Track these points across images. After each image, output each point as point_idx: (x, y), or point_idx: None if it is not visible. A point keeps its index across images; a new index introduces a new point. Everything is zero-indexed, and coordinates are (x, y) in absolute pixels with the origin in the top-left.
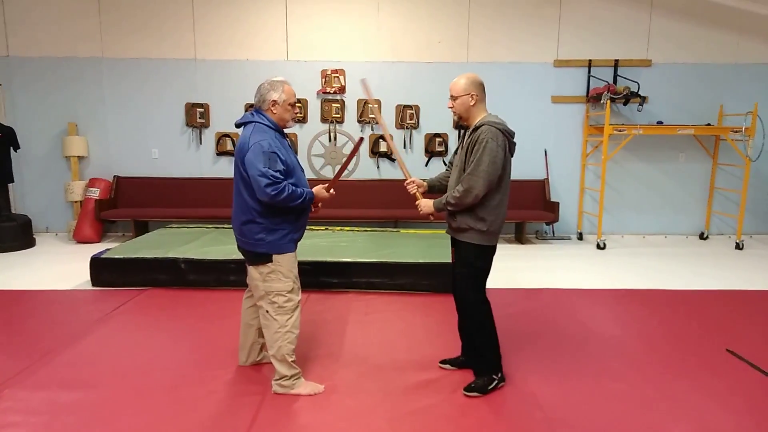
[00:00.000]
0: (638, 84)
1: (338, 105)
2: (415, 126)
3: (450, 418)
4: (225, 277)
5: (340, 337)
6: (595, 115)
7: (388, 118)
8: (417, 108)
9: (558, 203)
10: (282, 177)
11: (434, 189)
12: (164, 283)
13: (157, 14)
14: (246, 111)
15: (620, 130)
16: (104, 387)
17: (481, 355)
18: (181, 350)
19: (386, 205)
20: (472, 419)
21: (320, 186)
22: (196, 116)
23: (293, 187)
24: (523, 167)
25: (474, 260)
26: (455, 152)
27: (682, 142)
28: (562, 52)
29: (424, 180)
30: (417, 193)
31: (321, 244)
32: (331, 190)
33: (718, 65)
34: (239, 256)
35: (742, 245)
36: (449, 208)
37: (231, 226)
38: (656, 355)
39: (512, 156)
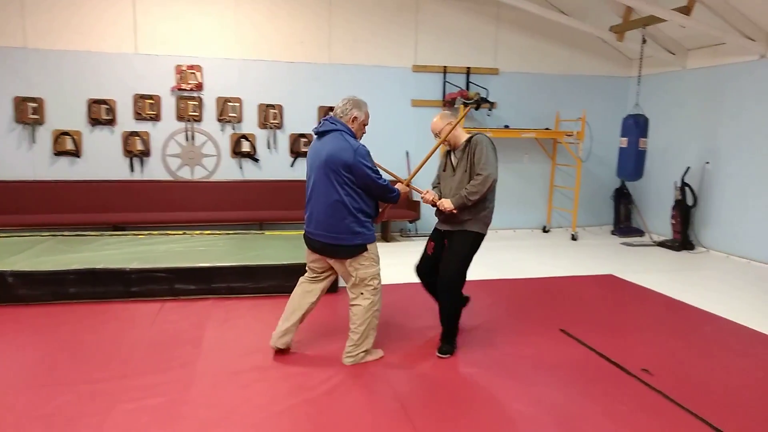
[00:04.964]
0: (488, 90)
1: (196, 102)
2: (279, 126)
3: (309, 416)
4: (63, 289)
5: (197, 347)
6: None
7: (250, 118)
8: (280, 108)
9: (419, 202)
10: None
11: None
12: None
13: None
14: (90, 107)
15: None
16: None
17: (451, 327)
18: (9, 371)
19: (250, 206)
20: (328, 416)
21: (399, 184)
22: (28, 112)
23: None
24: (385, 168)
25: (469, 248)
26: (437, 176)
27: (526, 144)
28: (420, 58)
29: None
30: (434, 198)
31: (176, 249)
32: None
33: (554, 75)
34: (80, 266)
35: (576, 236)
36: (471, 198)
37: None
38: (498, 339)
39: None
